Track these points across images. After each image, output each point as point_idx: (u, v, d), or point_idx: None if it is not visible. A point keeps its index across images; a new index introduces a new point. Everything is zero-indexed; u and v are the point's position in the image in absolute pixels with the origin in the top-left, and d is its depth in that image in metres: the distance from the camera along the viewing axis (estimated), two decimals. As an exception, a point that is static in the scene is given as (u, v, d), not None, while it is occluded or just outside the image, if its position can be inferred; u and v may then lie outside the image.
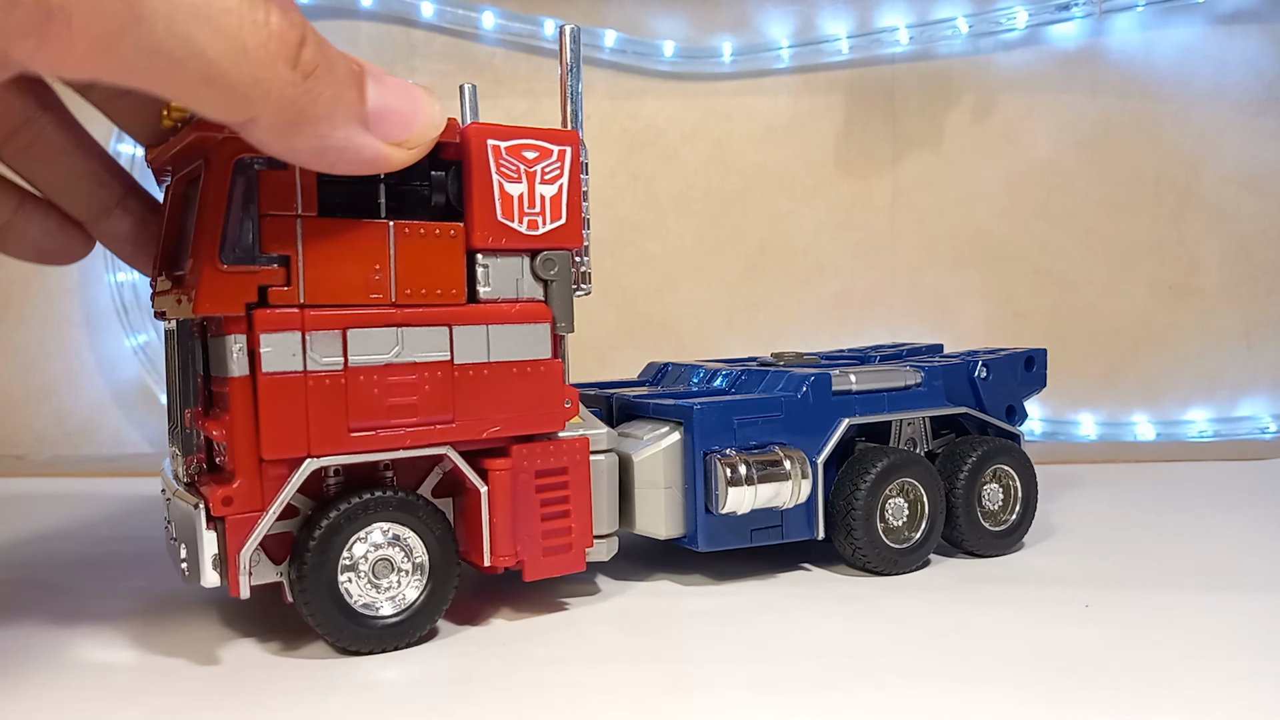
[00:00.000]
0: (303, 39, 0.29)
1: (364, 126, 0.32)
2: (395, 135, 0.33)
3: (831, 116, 0.93)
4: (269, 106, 0.29)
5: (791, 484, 0.44)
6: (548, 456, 0.41)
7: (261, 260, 0.35)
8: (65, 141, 0.40)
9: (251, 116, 0.29)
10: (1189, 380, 0.93)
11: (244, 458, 0.35)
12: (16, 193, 0.40)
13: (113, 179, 0.42)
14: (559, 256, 0.41)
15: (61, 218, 0.41)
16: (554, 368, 0.41)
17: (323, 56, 0.30)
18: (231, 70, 0.27)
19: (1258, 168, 0.92)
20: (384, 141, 0.33)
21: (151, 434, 0.92)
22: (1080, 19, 0.90)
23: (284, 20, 0.28)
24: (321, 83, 0.30)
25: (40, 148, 0.39)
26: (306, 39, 0.29)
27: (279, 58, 0.28)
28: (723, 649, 0.38)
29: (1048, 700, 0.32)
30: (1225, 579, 0.45)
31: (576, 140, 0.41)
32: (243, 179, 0.35)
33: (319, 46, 0.29)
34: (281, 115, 0.29)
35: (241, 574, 0.35)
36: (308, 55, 0.29)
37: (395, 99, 0.33)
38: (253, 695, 0.34)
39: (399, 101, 0.33)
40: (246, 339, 0.35)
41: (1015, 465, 0.51)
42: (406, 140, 0.34)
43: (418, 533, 0.38)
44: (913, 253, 0.94)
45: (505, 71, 0.91)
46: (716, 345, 0.91)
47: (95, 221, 0.41)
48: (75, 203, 0.41)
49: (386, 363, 0.37)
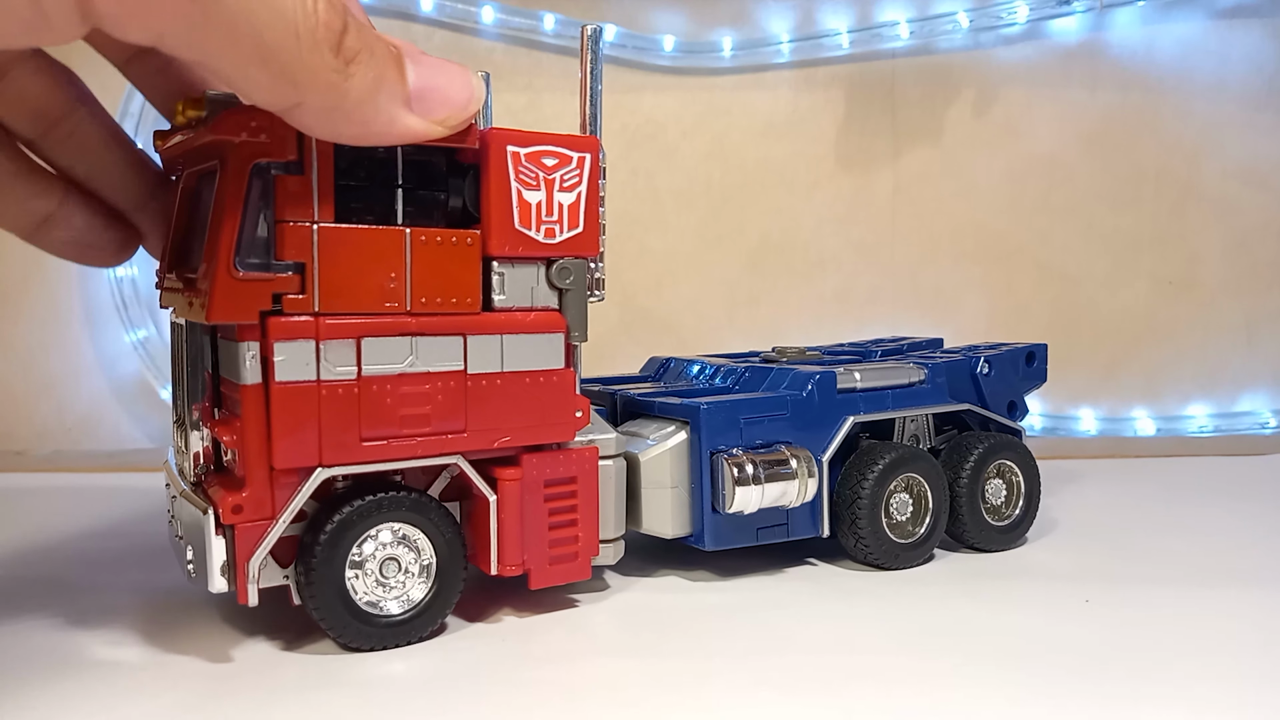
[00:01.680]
0: (345, 26, 0.30)
1: (407, 107, 0.33)
2: (437, 113, 0.34)
3: (832, 111, 0.93)
4: (315, 91, 0.30)
5: (798, 483, 0.44)
6: (557, 466, 0.40)
7: (277, 268, 0.35)
8: (102, 132, 0.41)
9: (298, 102, 0.30)
10: (1189, 375, 0.93)
11: (255, 466, 0.35)
12: (60, 184, 0.40)
13: (146, 170, 0.42)
14: (575, 265, 0.40)
15: (104, 210, 0.41)
16: (566, 378, 0.40)
17: (364, 42, 0.31)
18: (283, 53, 0.28)
19: (1258, 162, 0.92)
20: (426, 119, 0.34)
21: (152, 429, 0.92)
22: (1081, 13, 0.90)
23: (329, 8, 0.29)
24: (364, 68, 0.31)
25: (79, 138, 0.40)
26: (349, 26, 0.30)
27: (325, 44, 0.29)
28: (728, 644, 0.38)
29: (1049, 695, 0.32)
30: (1226, 574, 0.46)
31: (597, 147, 0.41)
32: (259, 184, 0.34)
33: (360, 32, 0.30)
34: (327, 100, 0.30)
35: (250, 583, 0.35)
36: (350, 42, 0.30)
37: (434, 77, 0.34)
38: (258, 691, 0.34)
39: (438, 79, 0.34)
40: (260, 346, 0.35)
41: (1018, 460, 0.51)
42: (448, 118, 0.34)
43: (427, 534, 0.38)
44: (913, 247, 0.94)
45: (505, 66, 0.91)
46: (717, 340, 0.91)
47: (136, 211, 0.42)
48: (116, 192, 0.42)
49: (400, 372, 0.37)
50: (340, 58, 0.30)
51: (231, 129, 0.33)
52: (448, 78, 0.34)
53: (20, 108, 0.38)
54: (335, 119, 0.31)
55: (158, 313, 0.88)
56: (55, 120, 0.39)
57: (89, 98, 0.41)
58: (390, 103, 0.32)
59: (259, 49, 0.28)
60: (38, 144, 0.40)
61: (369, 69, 0.31)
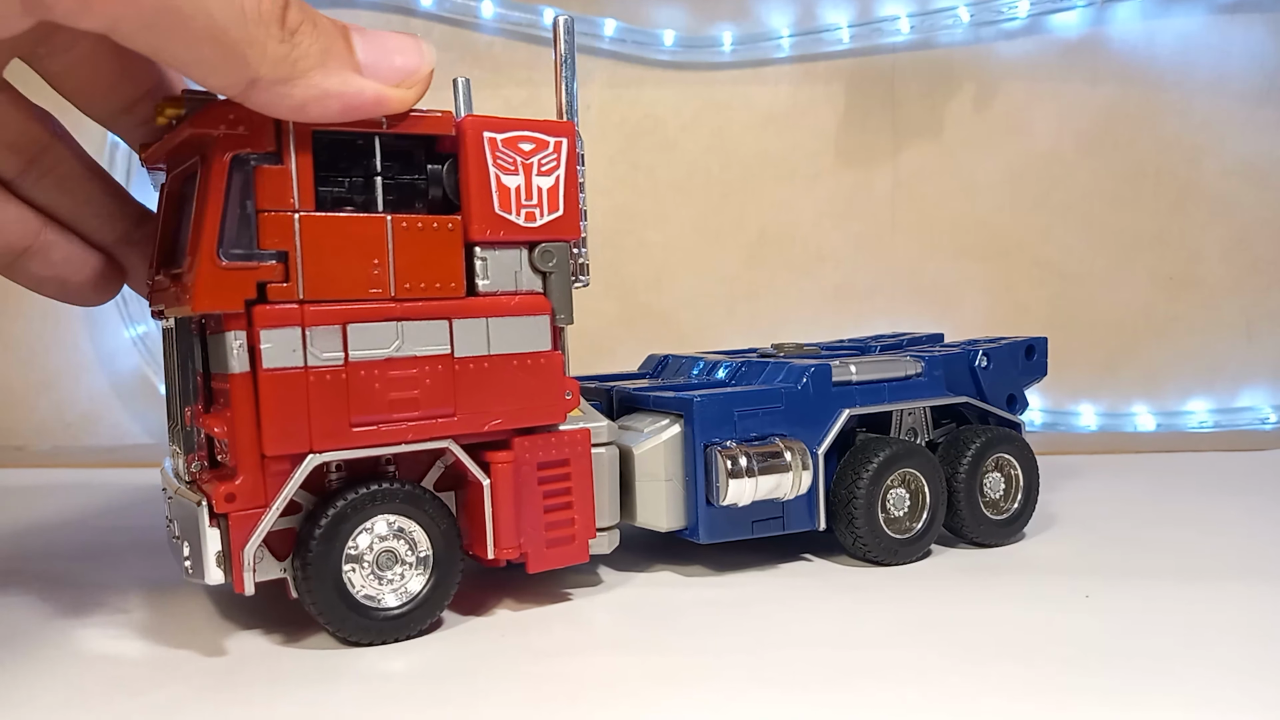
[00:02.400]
0: (287, 3, 0.32)
1: (358, 73, 0.34)
2: (391, 78, 0.35)
3: (832, 106, 0.93)
4: (266, 64, 0.31)
5: (792, 475, 0.44)
6: (549, 448, 0.41)
7: (260, 256, 0.35)
8: (81, 168, 0.41)
9: (251, 77, 0.31)
10: (1189, 371, 0.93)
11: (246, 454, 0.35)
12: (39, 220, 0.41)
13: (127, 204, 0.43)
14: (557, 248, 0.41)
15: (84, 247, 0.42)
16: (554, 360, 0.41)
17: (306, 15, 0.33)
18: (232, 30, 0.30)
19: (1259, 159, 0.91)
20: (382, 84, 0.35)
21: (151, 425, 0.92)
22: (1082, 8, 0.89)
23: None
24: (308, 37, 0.32)
25: (59, 174, 0.41)
26: (290, 3, 0.32)
27: (271, 19, 0.31)
28: (724, 639, 0.38)
29: (1048, 690, 0.32)
30: (1225, 569, 0.46)
31: (572, 131, 0.41)
32: (240, 174, 0.35)
33: (302, 8, 0.33)
34: (278, 71, 0.32)
35: (246, 570, 0.35)
36: (293, 16, 0.32)
37: (385, 46, 0.35)
38: (257, 686, 0.34)
39: (386, 46, 0.35)
40: (246, 335, 0.35)
41: (1017, 454, 0.51)
42: (404, 80, 0.35)
43: (423, 525, 0.38)
44: (913, 243, 0.94)
45: (504, 60, 0.91)
46: (716, 335, 0.91)
47: (118, 245, 0.43)
48: (98, 227, 0.42)
49: (387, 357, 0.37)
50: (285, 28, 0.31)
51: (210, 123, 0.34)
52: (396, 44, 0.35)
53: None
54: (291, 92, 0.33)
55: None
56: (33, 157, 0.40)
57: (66, 135, 0.41)
58: (341, 69, 0.34)
59: (209, 28, 0.30)
60: (18, 181, 0.40)
61: (314, 40, 0.32)
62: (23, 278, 0.41)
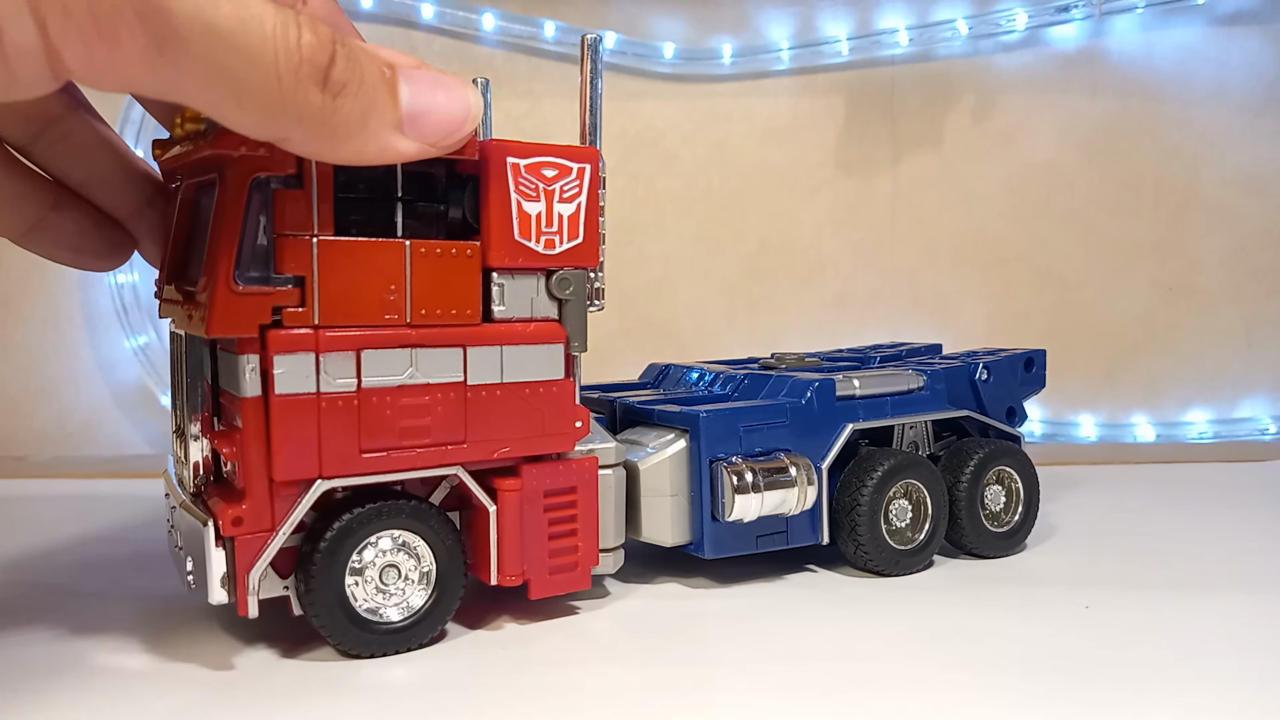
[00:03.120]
0: (333, 57, 0.29)
1: (399, 130, 0.32)
2: (432, 137, 0.33)
3: (831, 118, 0.93)
4: (300, 129, 0.29)
5: (797, 491, 0.44)
6: (557, 476, 0.40)
7: (277, 281, 0.35)
8: (95, 138, 0.40)
9: (284, 137, 0.30)
10: (1189, 381, 0.93)
11: (255, 478, 0.35)
12: (53, 189, 0.40)
13: (142, 177, 0.42)
14: (574, 275, 0.40)
15: (97, 216, 0.41)
16: (566, 388, 0.40)
17: (353, 71, 0.30)
18: (264, 95, 0.28)
19: (1258, 169, 0.92)
20: (420, 142, 0.33)
21: (152, 435, 0.92)
22: (1080, 20, 0.90)
23: (314, 39, 0.28)
24: (352, 99, 0.30)
25: (71, 143, 0.40)
26: (336, 57, 0.29)
27: (309, 82, 0.28)
28: (727, 651, 0.38)
29: (1050, 701, 0.32)
30: (1225, 580, 0.46)
31: (596, 157, 0.41)
32: (259, 197, 0.34)
33: (349, 61, 0.30)
34: (314, 134, 0.30)
35: (250, 594, 0.35)
36: (337, 74, 0.29)
37: (429, 96, 0.33)
38: (258, 698, 0.34)
39: (434, 98, 0.33)
40: (260, 359, 0.35)
41: (1017, 466, 0.51)
42: (444, 139, 0.34)
43: (428, 541, 0.38)
44: (913, 253, 0.94)
45: (505, 73, 0.91)
46: (716, 345, 0.91)
47: (130, 217, 0.42)
48: (111, 198, 0.41)
49: (400, 384, 0.37)
50: (327, 92, 0.29)
51: (230, 144, 0.33)
52: (445, 95, 0.33)
53: (11, 111, 0.38)
54: (324, 149, 0.31)
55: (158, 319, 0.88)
56: (48, 124, 0.39)
57: (84, 103, 0.40)
58: (381, 128, 0.31)
59: (236, 93, 0.27)
60: (30, 149, 0.39)
61: (358, 100, 0.30)
62: (36, 246, 0.41)
